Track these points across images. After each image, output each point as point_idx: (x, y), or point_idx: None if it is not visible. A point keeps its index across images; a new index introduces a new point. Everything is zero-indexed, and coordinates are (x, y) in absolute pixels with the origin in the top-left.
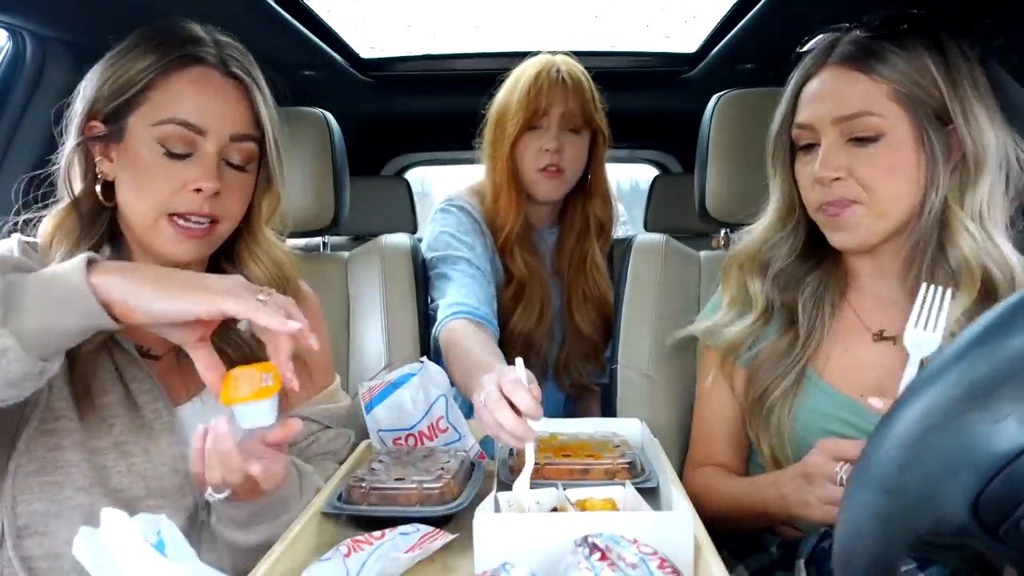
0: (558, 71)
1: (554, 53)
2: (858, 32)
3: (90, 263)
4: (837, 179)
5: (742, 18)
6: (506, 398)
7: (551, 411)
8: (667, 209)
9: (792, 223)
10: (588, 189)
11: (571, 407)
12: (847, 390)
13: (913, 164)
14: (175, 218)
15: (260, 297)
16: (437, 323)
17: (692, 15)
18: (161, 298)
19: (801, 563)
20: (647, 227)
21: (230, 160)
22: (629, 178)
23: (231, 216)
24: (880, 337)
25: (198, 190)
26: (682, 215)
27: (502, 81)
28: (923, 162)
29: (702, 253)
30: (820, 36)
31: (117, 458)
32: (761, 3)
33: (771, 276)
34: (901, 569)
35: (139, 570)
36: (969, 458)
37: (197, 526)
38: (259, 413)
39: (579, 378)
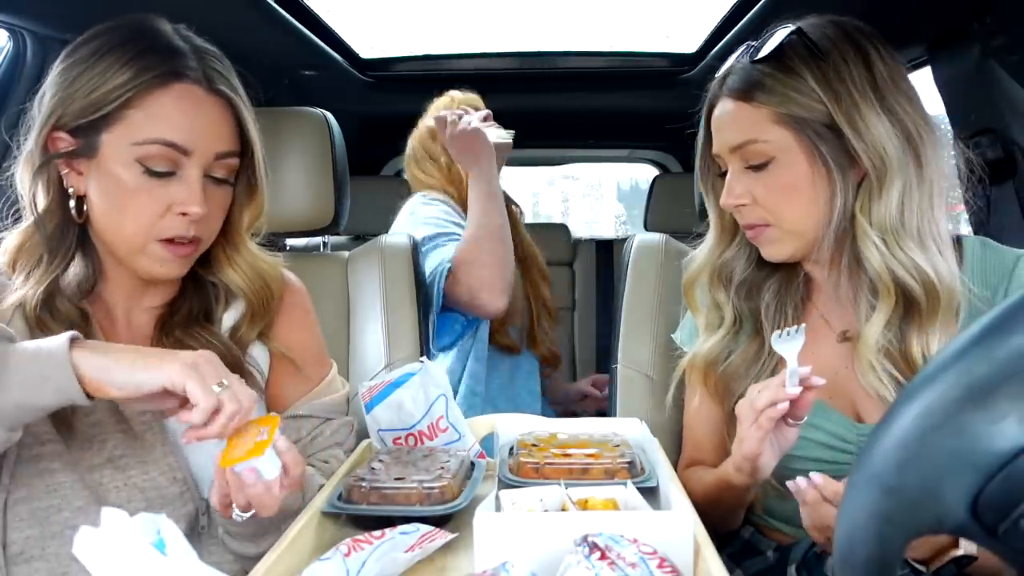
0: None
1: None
2: (746, 60)
3: (72, 341)
4: (743, 205)
5: (742, 18)
6: None
7: (529, 375)
8: (667, 209)
9: (739, 236)
10: None
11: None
12: (816, 393)
13: (810, 182)
14: (162, 242)
15: (216, 387)
16: (442, 262)
17: (692, 15)
18: (135, 372)
19: (792, 568)
20: (647, 227)
21: (213, 175)
22: (629, 178)
23: (212, 235)
24: (844, 338)
25: (184, 214)
26: (682, 215)
27: (502, 79)
28: (820, 178)
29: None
30: (730, 59)
31: (113, 473)
32: (761, 3)
33: (734, 287)
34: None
35: (139, 570)
36: (968, 457)
37: (197, 532)
38: (258, 470)
39: (550, 344)
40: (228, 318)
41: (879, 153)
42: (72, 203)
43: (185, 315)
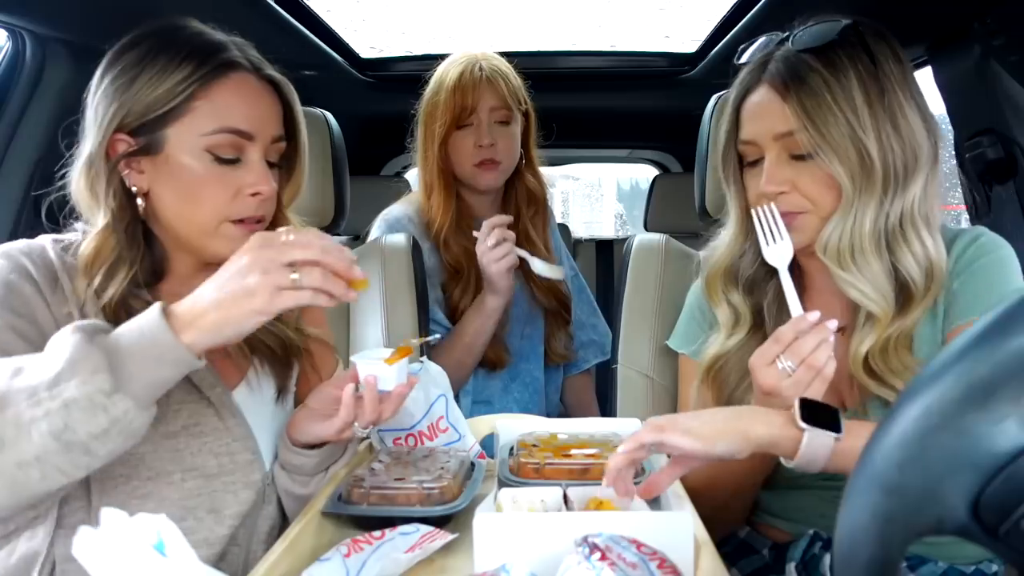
0: (480, 69)
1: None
2: (788, 47)
3: (165, 315)
4: (782, 193)
5: (742, 18)
6: None
7: (548, 389)
8: (667, 209)
9: (752, 230)
10: (520, 168)
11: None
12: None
13: (849, 175)
14: (234, 222)
15: (292, 275)
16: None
17: (692, 15)
18: (231, 324)
19: (792, 567)
20: (647, 227)
21: (269, 160)
22: (629, 178)
23: (271, 213)
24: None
25: (255, 194)
26: (682, 215)
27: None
28: (860, 171)
29: (702, 253)
30: (755, 47)
31: (189, 439)
32: (761, 3)
33: (741, 284)
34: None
35: (139, 570)
36: (969, 458)
37: (262, 498)
38: (399, 373)
39: (562, 350)
40: None
41: (913, 148)
42: (140, 201)
43: None
